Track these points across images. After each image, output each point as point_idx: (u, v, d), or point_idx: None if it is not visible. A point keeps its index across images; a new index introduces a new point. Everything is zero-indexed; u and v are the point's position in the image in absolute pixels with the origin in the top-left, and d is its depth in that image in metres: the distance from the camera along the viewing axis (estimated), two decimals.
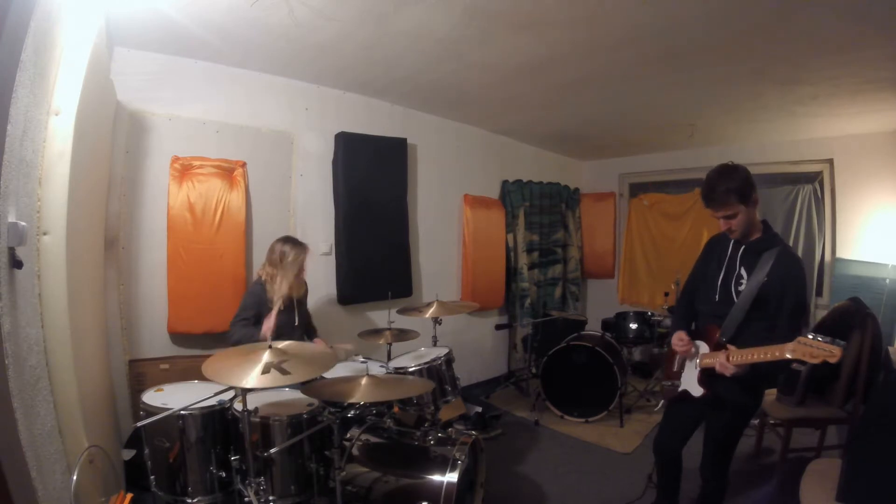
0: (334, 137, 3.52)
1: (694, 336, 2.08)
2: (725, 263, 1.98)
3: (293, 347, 1.97)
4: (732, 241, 1.98)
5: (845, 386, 2.73)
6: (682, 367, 2.12)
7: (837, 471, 1.79)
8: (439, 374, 2.67)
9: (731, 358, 1.82)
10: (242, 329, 2.53)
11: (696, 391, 1.99)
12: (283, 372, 1.73)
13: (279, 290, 2.58)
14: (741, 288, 1.91)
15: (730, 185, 1.86)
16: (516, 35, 2.56)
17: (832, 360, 1.58)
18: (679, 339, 2.05)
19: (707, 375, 1.95)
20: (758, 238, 1.94)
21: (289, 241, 2.67)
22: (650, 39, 2.56)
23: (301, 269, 2.67)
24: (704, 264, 2.13)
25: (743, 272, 1.92)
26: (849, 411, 2.74)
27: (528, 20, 2.39)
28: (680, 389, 2.10)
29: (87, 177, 1.97)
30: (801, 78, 2.99)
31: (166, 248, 2.78)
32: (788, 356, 1.65)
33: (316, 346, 2.43)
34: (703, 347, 2.02)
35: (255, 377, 1.70)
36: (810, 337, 1.61)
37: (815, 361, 1.60)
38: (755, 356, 1.76)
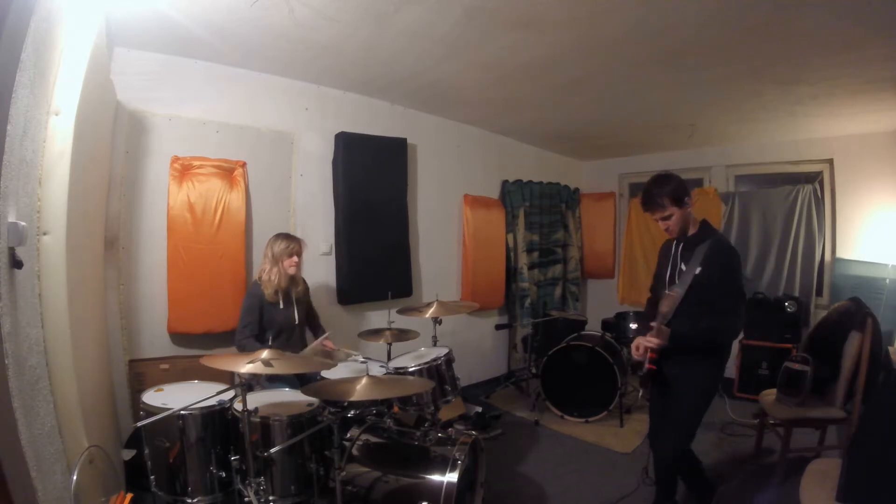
0: (334, 137, 3.52)
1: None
2: (670, 261, 2.23)
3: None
4: (675, 241, 2.23)
5: (845, 386, 2.73)
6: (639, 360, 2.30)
7: (837, 471, 1.79)
8: (439, 374, 2.66)
9: (637, 344, 2.13)
10: (251, 344, 2.54)
11: (644, 369, 2.18)
12: (267, 364, 1.82)
13: (271, 283, 2.63)
14: (680, 279, 2.15)
15: (663, 190, 2.12)
16: (516, 35, 2.56)
17: (673, 301, 2.02)
18: (635, 347, 2.23)
19: (654, 354, 2.14)
20: (693, 234, 2.19)
21: (280, 235, 2.74)
22: (650, 39, 2.56)
23: (295, 262, 2.69)
24: (659, 266, 2.39)
25: (682, 266, 2.16)
26: (849, 411, 2.74)
27: (528, 20, 2.39)
28: (642, 373, 2.26)
29: (87, 177, 1.97)
30: (801, 78, 2.99)
31: (166, 248, 2.78)
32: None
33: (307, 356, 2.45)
34: None
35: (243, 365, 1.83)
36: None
37: (670, 308, 2.02)
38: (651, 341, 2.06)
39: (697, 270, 2.07)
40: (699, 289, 2.05)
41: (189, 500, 2.07)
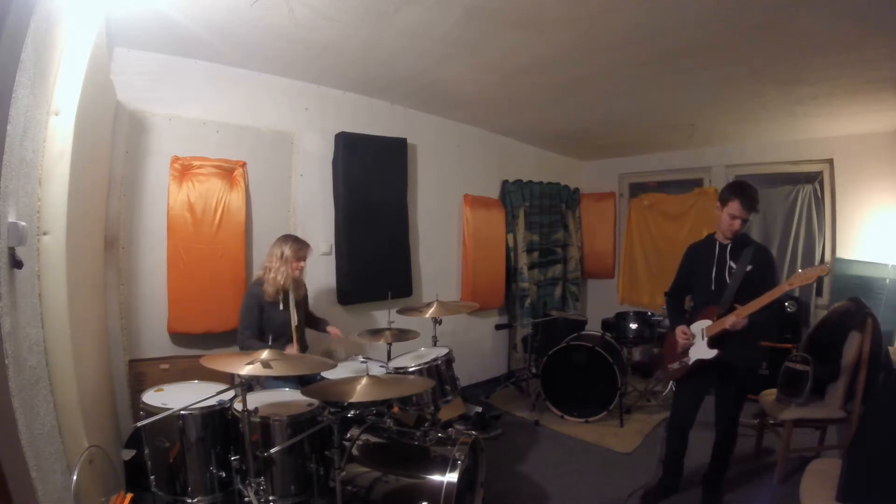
0: (334, 137, 3.52)
1: (691, 321, 2.54)
2: (716, 260, 2.49)
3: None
4: (718, 244, 2.50)
5: (845, 386, 2.74)
6: (684, 350, 2.53)
7: (837, 471, 1.79)
8: (439, 373, 2.67)
9: (739, 313, 2.29)
10: (254, 345, 2.53)
11: (709, 354, 2.41)
12: (266, 365, 1.82)
13: (275, 281, 2.62)
14: (732, 274, 2.43)
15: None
16: (516, 35, 2.56)
17: (825, 273, 2.18)
18: (683, 333, 2.52)
19: (715, 340, 2.40)
20: (740, 238, 2.48)
21: (290, 237, 2.74)
22: (650, 39, 2.56)
23: (302, 267, 2.68)
24: (691, 267, 2.64)
25: (732, 264, 2.45)
26: (849, 411, 2.74)
27: (528, 20, 2.39)
28: (692, 362, 2.48)
29: (87, 177, 1.97)
30: (801, 78, 2.99)
31: (166, 248, 2.78)
32: (787, 288, 2.21)
33: (308, 356, 2.44)
34: (706, 323, 2.45)
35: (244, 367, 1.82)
36: (800, 270, 2.19)
37: (810, 282, 2.17)
38: (762, 301, 2.22)
39: (749, 268, 2.39)
40: (749, 284, 2.35)
41: (189, 500, 2.07)
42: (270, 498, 2.01)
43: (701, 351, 2.44)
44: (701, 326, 2.47)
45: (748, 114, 3.85)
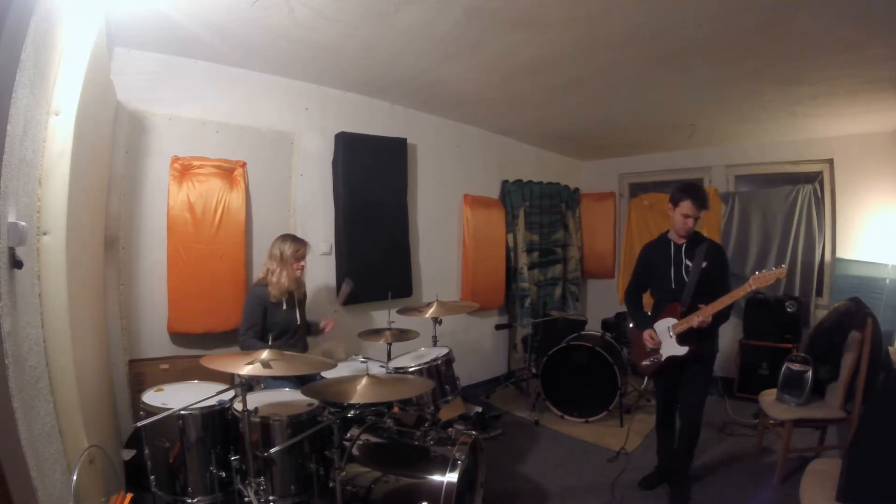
0: (334, 137, 3.52)
1: (654, 319, 2.66)
2: (672, 260, 2.62)
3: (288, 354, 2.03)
4: (673, 244, 2.64)
5: (845, 386, 2.74)
6: (653, 348, 2.63)
7: (837, 471, 1.79)
8: (439, 374, 2.67)
9: (705, 313, 2.42)
10: (255, 345, 2.52)
11: (681, 351, 2.52)
12: (266, 365, 1.82)
13: (279, 284, 2.61)
14: (689, 272, 2.56)
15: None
16: (516, 35, 2.56)
17: (783, 276, 2.30)
18: (650, 337, 2.63)
19: (682, 337, 2.52)
20: (692, 237, 2.62)
21: (288, 237, 2.73)
22: (650, 39, 2.56)
23: (303, 266, 2.68)
24: (648, 267, 2.76)
25: (688, 262, 2.57)
26: (849, 411, 2.74)
27: (528, 20, 2.39)
28: (664, 358, 2.58)
29: (87, 177, 1.97)
30: (801, 78, 2.99)
31: (166, 248, 2.78)
32: (750, 289, 2.33)
33: (308, 356, 2.44)
34: (671, 321, 2.57)
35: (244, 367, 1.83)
36: (757, 273, 2.31)
37: (769, 283, 2.30)
38: (725, 301, 2.37)
39: (704, 265, 2.51)
40: (707, 280, 2.50)
41: (189, 500, 2.07)
42: (270, 498, 2.01)
43: (672, 348, 2.56)
44: (667, 324, 2.58)
45: (748, 114, 3.85)
